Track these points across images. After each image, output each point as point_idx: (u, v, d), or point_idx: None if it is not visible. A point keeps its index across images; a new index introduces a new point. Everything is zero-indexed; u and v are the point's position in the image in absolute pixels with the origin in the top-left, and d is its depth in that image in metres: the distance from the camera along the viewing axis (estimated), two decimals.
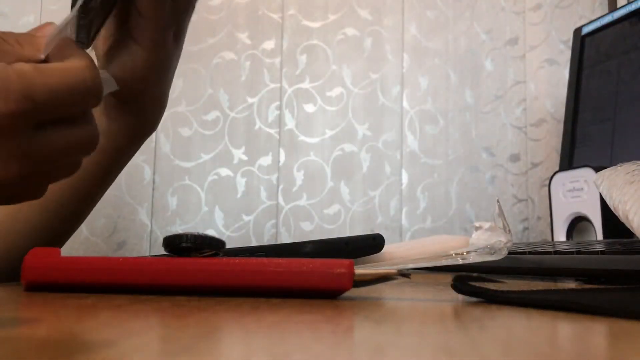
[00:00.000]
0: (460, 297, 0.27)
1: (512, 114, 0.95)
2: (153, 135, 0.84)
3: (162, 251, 0.29)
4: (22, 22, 0.84)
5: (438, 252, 0.35)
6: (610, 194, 0.38)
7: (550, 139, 0.95)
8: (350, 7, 0.92)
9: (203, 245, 0.28)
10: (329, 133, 0.90)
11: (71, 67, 0.28)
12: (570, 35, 0.91)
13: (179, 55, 0.41)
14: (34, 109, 0.27)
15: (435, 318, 0.21)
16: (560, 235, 0.76)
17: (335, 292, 0.26)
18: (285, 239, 0.85)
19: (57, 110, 0.28)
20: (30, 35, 0.29)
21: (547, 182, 0.79)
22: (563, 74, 0.96)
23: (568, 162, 0.83)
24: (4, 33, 0.28)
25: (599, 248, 0.41)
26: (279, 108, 0.89)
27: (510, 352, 0.15)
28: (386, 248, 0.40)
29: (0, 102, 0.26)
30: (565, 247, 0.47)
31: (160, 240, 0.29)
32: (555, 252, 0.44)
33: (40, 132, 0.28)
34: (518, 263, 0.45)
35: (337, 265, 0.26)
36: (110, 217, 0.81)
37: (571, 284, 0.39)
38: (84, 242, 0.78)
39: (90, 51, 0.33)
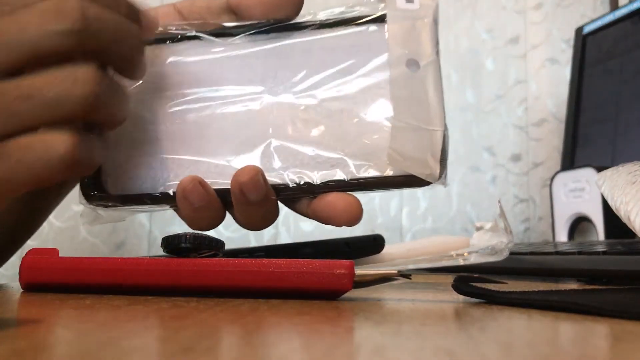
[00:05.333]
0: (461, 297, 0.27)
1: (513, 113, 0.95)
2: None
3: (161, 251, 0.29)
4: None
5: (439, 253, 0.35)
6: (612, 195, 0.37)
7: (551, 139, 0.95)
8: None
9: (202, 246, 0.28)
10: None
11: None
12: (571, 34, 0.90)
13: None
14: None
15: (436, 319, 0.21)
16: (562, 236, 0.75)
17: (336, 293, 0.26)
18: (285, 239, 0.85)
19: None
20: None
21: (549, 182, 0.79)
22: (564, 73, 0.96)
23: (570, 162, 0.83)
24: None
25: (600, 249, 0.41)
26: None
27: (511, 353, 0.15)
28: (387, 249, 0.40)
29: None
30: (566, 248, 0.47)
31: (159, 240, 0.29)
32: (557, 253, 0.44)
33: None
34: (519, 264, 0.45)
35: (338, 266, 0.26)
36: None
37: (573, 285, 0.39)
38: (83, 242, 0.78)
39: None
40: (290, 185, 0.29)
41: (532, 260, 0.45)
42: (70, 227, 0.78)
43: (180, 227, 0.84)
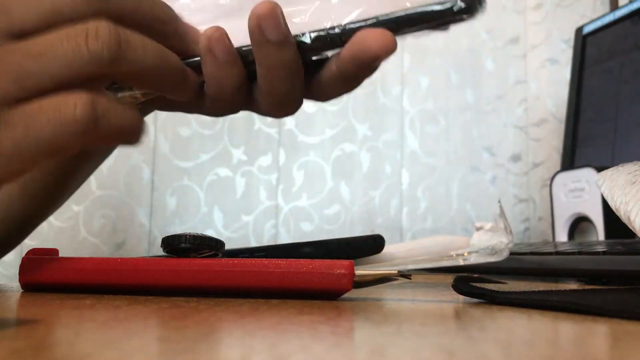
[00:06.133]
0: (461, 297, 0.27)
1: (513, 113, 0.95)
2: (152, 135, 0.84)
3: (161, 252, 0.29)
4: None
5: (439, 253, 0.35)
6: (612, 195, 0.37)
7: (551, 139, 0.95)
8: None
9: (202, 246, 0.28)
10: (329, 133, 0.89)
11: None
12: (571, 35, 0.90)
13: None
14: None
15: (436, 319, 0.21)
16: (562, 236, 0.75)
17: (336, 293, 0.26)
18: (285, 239, 0.85)
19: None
20: None
21: (549, 182, 0.79)
22: (564, 73, 0.96)
23: (569, 162, 0.83)
24: None
25: (600, 249, 0.41)
26: None
27: (511, 353, 0.15)
28: (387, 249, 0.40)
29: None
30: (566, 248, 0.47)
31: (159, 240, 0.29)
32: (557, 253, 0.44)
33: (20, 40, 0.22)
34: (519, 264, 0.45)
35: (338, 266, 0.26)
36: (108, 218, 0.80)
37: (572, 285, 0.39)
38: (82, 242, 0.78)
39: None
40: (312, 38, 0.27)
41: (532, 261, 0.45)
42: (70, 227, 0.78)
43: (180, 227, 0.84)
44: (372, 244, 0.39)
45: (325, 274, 0.25)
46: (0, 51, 0.22)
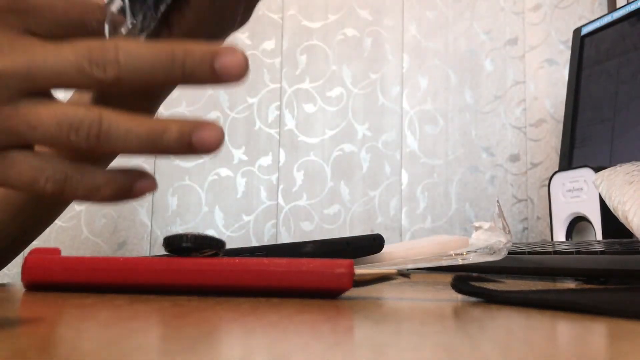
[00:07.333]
0: (460, 297, 0.27)
1: (511, 114, 0.95)
2: None
3: (163, 251, 0.29)
4: None
5: (438, 253, 0.35)
6: (610, 195, 0.38)
7: (549, 139, 0.95)
8: (350, 7, 0.92)
9: (203, 245, 0.28)
10: (329, 133, 0.90)
11: None
12: (569, 36, 0.91)
13: None
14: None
15: (434, 318, 0.21)
16: (560, 235, 0.76)
17: (335, 292, 0.26)
18: (285, 239, 0.85)
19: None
20: None
21: (547, 182, 0.79)
22: (563, 74, 0.96)
23: (567, 162, 0.83)
24: None
25: (598, 248, 0.42)
26: (279, 108, 0.89)
27: (509, 352, 0.15)
28: (386, 248, 0.40)
29: None
30: (564, 247, 0.47)
31: (161, 240, 0.29)
32: (555, 252, 0.44)
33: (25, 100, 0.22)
34: (517, 263, 0.45)
35: (337, 265, 0.26)
36: (110, 217, 0.81)
37: (570, 284, 0.39)
38: (84, 242, 0.78)
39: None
40: None
41: (530, 260, 0.45)
42: (72, 227, 0.78)
43: (181, 227, 0.84)
44: (371, 244, 0.39)
45: (325, 273, 0.26)
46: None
